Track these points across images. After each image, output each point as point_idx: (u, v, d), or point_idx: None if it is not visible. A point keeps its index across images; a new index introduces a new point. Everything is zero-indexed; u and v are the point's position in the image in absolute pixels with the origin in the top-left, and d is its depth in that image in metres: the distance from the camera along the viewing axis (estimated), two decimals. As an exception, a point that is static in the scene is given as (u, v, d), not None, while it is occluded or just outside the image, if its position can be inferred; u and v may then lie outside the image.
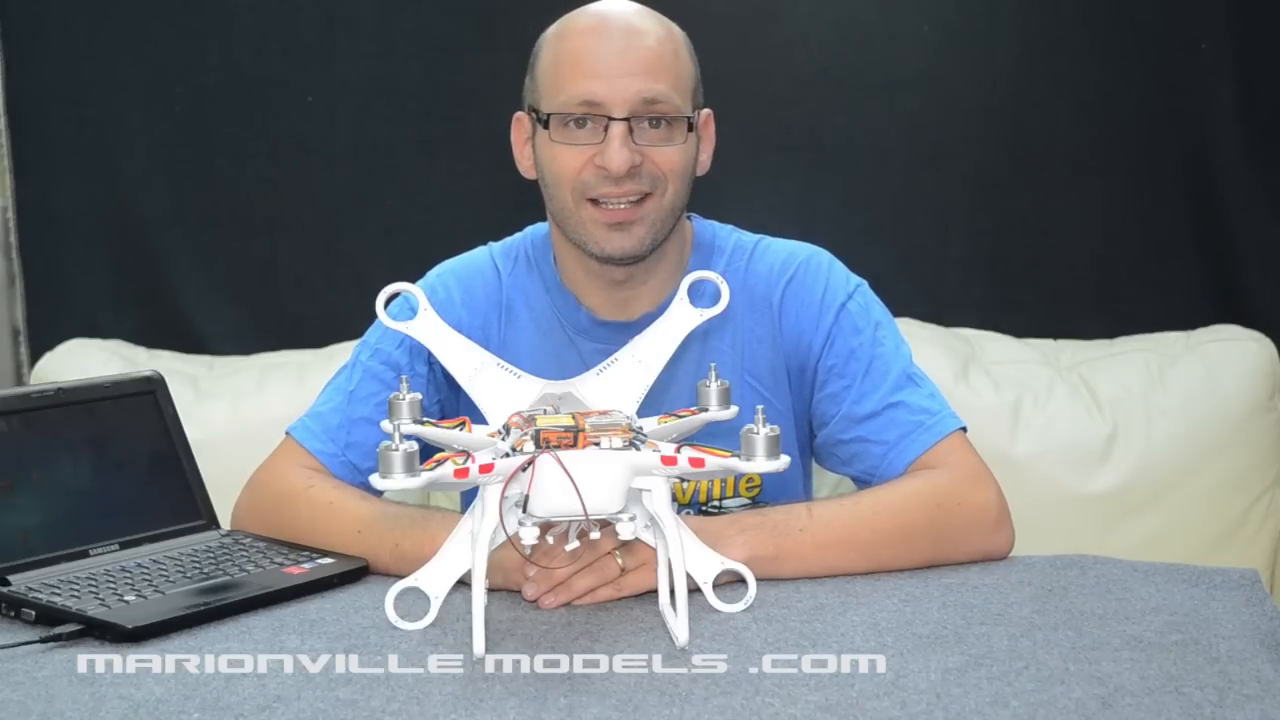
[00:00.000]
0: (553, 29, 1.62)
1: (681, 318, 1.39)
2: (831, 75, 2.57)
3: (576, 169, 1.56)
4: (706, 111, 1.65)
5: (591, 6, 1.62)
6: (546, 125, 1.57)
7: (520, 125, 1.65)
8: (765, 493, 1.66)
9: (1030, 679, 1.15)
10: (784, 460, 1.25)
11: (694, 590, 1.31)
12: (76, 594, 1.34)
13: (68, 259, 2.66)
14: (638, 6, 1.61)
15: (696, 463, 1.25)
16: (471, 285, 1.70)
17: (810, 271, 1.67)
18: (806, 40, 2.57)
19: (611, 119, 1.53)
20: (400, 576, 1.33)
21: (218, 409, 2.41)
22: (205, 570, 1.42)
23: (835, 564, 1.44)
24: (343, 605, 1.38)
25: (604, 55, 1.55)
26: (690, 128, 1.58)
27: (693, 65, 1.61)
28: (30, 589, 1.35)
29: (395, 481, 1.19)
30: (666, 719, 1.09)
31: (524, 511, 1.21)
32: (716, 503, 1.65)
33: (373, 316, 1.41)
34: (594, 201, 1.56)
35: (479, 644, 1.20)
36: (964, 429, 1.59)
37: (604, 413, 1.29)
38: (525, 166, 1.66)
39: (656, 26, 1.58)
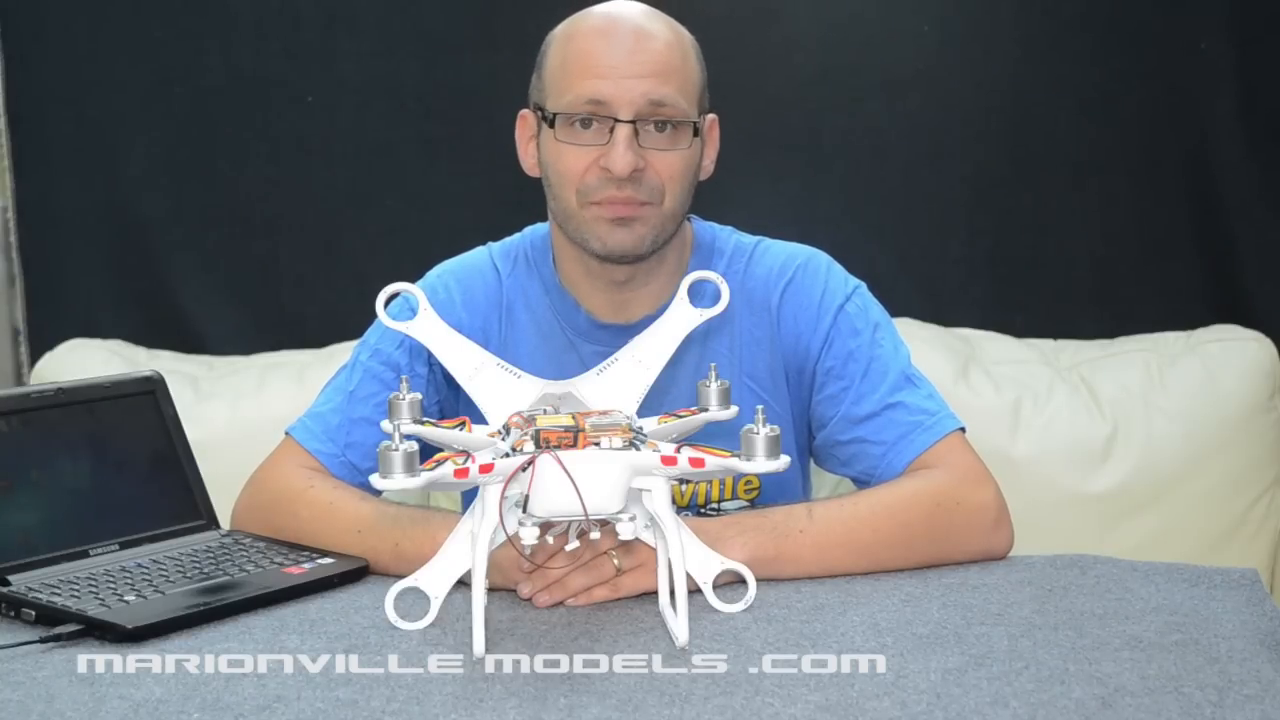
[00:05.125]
0: (561, 28, 1.61)
1: (681, 318, 1.39)
2: (831, 75, 2.57)
3: (581, 170, 1.56)
4: (712, 117, 1.65)
5: (601, 7, 1.62)
6: (552, 124, 1.57)
7: (525, 122, 1.65)
8: (764, 494, 1.66)
9: (1030, 679, 1.15)
10: (784, 460, 1.24)
11: (694, 590, 1.31)
12: (76, 594, 1.34)
13: (68, 259, 2.66)
14: (647, 8, 1.61)
15: (696, 463, 1.25)
16: (471, 286, 1.69)
17: (808, 274, 1.67)
18: (806, 40, 2.57)
19: (617, 120, 1.53)
20: (400, 576, 1.33)
21: (218, 409, 2.41)
22: (205, 570, 1.42)
23: (835, 565, 1.44)
24: (343, 605, 1.38)
25: (612, 56, 1.54)
26: (695, 132, 1.58)
27: (700, 70, 1.60)
28: (30, 589, 1.35)
29: (395, 481, 1.19)
30: (666, 719, 1.09)
31: (524, 511, 1.21)
32: (714, 505, 1.65)
33: (373, 316, 1.41)
34: (596, 202, 1.56)
35: (479, 644, 1.20)
36: (963, 429, 1.59)
37: (604, 413, 1.29)
38: (529, 164, 1.66)
39: (665, 29, 1.58)
